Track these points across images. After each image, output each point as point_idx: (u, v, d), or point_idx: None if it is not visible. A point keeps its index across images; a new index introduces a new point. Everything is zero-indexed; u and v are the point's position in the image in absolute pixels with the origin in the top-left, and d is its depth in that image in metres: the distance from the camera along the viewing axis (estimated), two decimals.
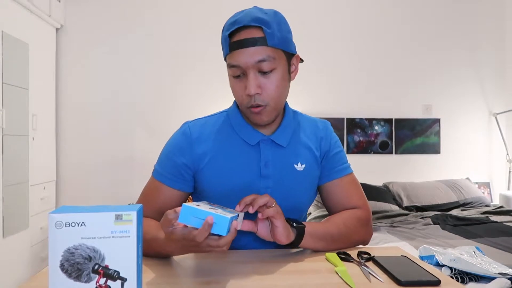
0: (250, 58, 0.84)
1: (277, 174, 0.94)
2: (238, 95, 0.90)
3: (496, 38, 3.58)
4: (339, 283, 0.70)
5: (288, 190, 0.95)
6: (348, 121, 3.39)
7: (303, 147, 0.99)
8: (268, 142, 0.95)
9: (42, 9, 2.71)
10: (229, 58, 0.87)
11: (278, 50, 0.87)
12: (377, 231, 2.33)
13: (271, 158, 0.95)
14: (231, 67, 0.87)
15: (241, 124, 0.96)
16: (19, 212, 2.45)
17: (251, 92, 0.85)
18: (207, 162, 0.94)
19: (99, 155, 3.15)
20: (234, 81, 0.89)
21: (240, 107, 0.92)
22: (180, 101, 3.23)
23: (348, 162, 1.06)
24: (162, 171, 0.96)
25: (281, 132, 0.96)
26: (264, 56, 0.84)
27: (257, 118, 0.90)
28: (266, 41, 0.85)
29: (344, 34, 3.44)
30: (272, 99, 0.88)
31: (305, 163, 0.98)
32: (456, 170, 3.47)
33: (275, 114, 0.92)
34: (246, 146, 0.95)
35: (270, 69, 0.86)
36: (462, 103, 3.53)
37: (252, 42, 0.84)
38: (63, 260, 0.56)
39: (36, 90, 2.69)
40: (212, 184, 0.94)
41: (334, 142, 1.04)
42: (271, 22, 0.86)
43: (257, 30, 0.85)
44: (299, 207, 0.99)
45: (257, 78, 0.86)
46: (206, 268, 0.78)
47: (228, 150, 0.94)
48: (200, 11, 3.23)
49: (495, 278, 1.36)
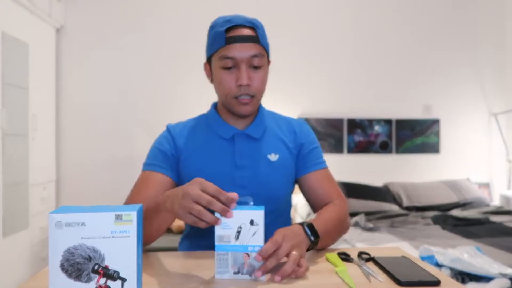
0: (245, 53, 0.94)
1: (252, 164, 1.01)
2: (227, 86, 0.97)
3: (496, 38, 3.58)
4: (339, 284, 0.70)
5: (263, 179, 1.00)
6: (348, 121, 3.39)
7: (276, 139, 1.06)
8: (242, 135, 1.03)
9: (42, 9, 2.71)
10: (224, 50, 0.94)
11: (264, 50, 0.99)
12: (377, 231, 2.33)
13: (245, 150, 1.02)
14: (225, 58, 0.95)
15: (217, 121, 1.05)
16: (19, 212, 2.45)
17: (244, 82, 0.94)
18: (187, 156, 1.02)
19: (99, 155, 3.15)
20: (224, 72, 0.96)
21: (226, 98, 0.99)
22: (180, 101, 3.23)
23: (324, 159, 1.11)
24: (150, 162, 1.02)
25: (255, 126, 1.04)
26: (257, 52, 0.95)
27: (244, 108, 0.98)
28: (259, 39, 0.96)
29: (344, 34, 3.43)
30: (258, 91, 0.98)
31: (279, 153, 1.04)
32: (456, 170, 3.47)
33: (257, 106, 1.02)
34: (221, 140, 1.03)
35: (260, 65, 0.96)
36: (462, 103, 3.53)
37: (247, 39, 0.94)
38: (63, 260, 0.56)
39: (36, 90, 2.69)
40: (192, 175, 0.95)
41: (311, 138, 1.11)
42: (260, 27, 0.99)
43: (250, 29, 0.96)
44: (275, 196, 1.03)
45: (249, 71, 0.95)
46: (206, 268, 0.78)
47: (205, 145, 1.03)
48: (200, 11, 3.23)
49: (495, 278, 1.36)
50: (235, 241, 0.70)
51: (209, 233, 0.99)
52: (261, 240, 0.69)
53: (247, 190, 0.98)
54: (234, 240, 0.70)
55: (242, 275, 0.71)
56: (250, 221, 0.69)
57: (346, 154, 3.38)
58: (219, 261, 0.71)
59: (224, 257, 0.71)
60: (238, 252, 0.70)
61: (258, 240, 0.69)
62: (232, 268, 0.71)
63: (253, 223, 0.69)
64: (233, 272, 0.71)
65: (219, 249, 0.71)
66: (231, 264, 0.71)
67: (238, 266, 0.71)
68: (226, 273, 0.71)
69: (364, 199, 2.92)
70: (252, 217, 0.69)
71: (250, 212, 0.69)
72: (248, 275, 0.70)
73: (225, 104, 1.01)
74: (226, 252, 0.71)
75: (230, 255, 0.71)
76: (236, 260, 0.71)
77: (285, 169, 1.04)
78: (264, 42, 0.98)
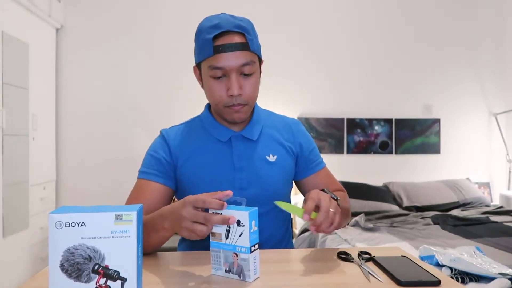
0: (235, 62, 0.91)
1: (251, 166, 1.00)
2: (217, 95, 0.95)
3: (496, 38, 3.58)
4: (340, 283, 0.70)
5: (262, 180, 1.00)
6: (348, 121, 3.39)
7: (273, 140, 1.05)
8: (239, 138, 1.02)
9: (42, 9, 2.71)
10: (212, 60, 0.92)
11: (255, 56, 0.95)
12: (377, 231, 2.33)
13: (243, 152, 1.01)
14: (213, 69, 0.92)
15: (213, 124, 1.04)
16: (19, 212, 2.45)
17: (234, 92, 0.92)
18: (185, 161, 1.01)
19: (99, 155, 3.15)
20: (214, 81, 0.94)
21: (217, 106, 0.98)
22: (180, 101, 3.23)
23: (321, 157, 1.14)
24: (146, 170, 1.01)
25: (251, 128, 1.03)
26: (247, 60, 0.92)
27: (237, 116, 0.97)
28: (248, 46, 0.92)
29: (344, 34, 3.43)
30: (250, 98, 0.96)
31: (277, 154, 1.04)
32: (456, 170, 3.47)
33: (250, 112, 1.01)
34: (218, 143, 1.02)
35: (251, 72, 0.94)
36: (462, 103, 3.53)
37: (237, 47, 0.90)
38: (63, 260, 0.56)
39: (36, 90, 2.69)
40: (191, 180, 0.99)
41: (309, 139, 1.12)
42: (250, 30, 0.94)
43: (240, 36, 0.92)
44: (275, 196, 1.02)
45: (239, 80, 0.93)
46: (205, 268, 0.78)
47: (202, 148, 1.02)
48: (201, 11, 3.21)
49: (495, 278, 1.36)
50: (225, 240, 0.71)
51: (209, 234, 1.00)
52: (247, 242, 0.69)
53: (247, 191, 0.98)
54: (224, 239, 0.71)
55: (232, 274, 0.72)
56: (237, 222, 0.69)
57: (346, 154, 3.39)
58: (214, 257, 0.74)
59: (217, 254, 0.73)
60: (228, 251, 0.71)
61: (244, 241, 0.69)
62: (224, 265, 0.73)
63: (239, 223, 0.69)
64: (225, 270, 0.73)
65: (212, 245, 0.73)
66: (223, 261, 0.73)
67: (229, 265, 0.72)
68: (219, 269, 0.73)
69: (364, 199, 2.92)
70: (238, 218, 0.69)
71: (237, 213, 0.69)
72: (237, 275, 0.71)
73: (217, 111, 1.01)
74: (218, 249, 0.73)
75: (222, 253, 0.72)
76: (226, 258, 0.72)
77: (283, 169, 1.04)
78: (254, 47, 0.94)
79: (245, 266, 0.70)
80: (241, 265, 0.70)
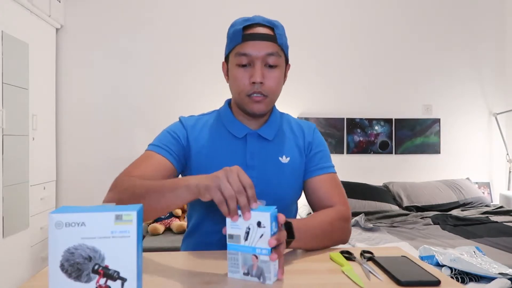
0: (261, 50, 0.93)
1: (262, 165, 1.00)
2: (240, 83, 0.96)
3: (496, 38, 3.58)
4: (342, 283, 0.70)
5: (272, 181, 0.99)
6: (348, 121, 3.39)
7: (288, 141, 1.05)
8: (255, 136, 1.02)
9: (42, 9, 2.71)
10: (240, 47, 0.94)
11: (282, 51, 0.97)
12: (377, 231, 2.33)
13: (257, 150, 1.01)
14: (240, 55, 0.94)
15: (231, 119, 1.04)
16: (19, 212, 2.45)
17: (257, 79, 0.93)
18: (198, 151, 1.01)
19: (99, 155, 3.15)
20: (239, 70, 0.96)
21: (239, 96, 0.98)
22: (180, 101, 3.23)
23: (333, 164, 1.08)
24: (158, 144, 0.99)
25: (268, 127, 1.04)
26: (273, 51, 0.94)
27: (256, 107, 0.96)
28: (276, 39, 0.95)
29: (344, 34, 3.43)
30: (272, 92, 0.97)
31: (290, 156, 1.03)
32: (456, 170, 3.47)
33: (270, 106, 1.01)
34: (233, 139, 1.02)
35: (275, 64, 0.95)
36: (462, 103, 3.53)
37: (264, 37, 0.94)
38: (63, 260, 0.56)
39: (36, 90, 2.69)
40: (201, 172, 0.95)
41: (319, 141, 1.09)
42: (280, 27, 0.98)
43: (269, 29, 0.96)
44: (283, 198, 1.01)
45: (263, 69, 0.95)
46: (206, 268, 0.78)
47: (216, 142, 1.02)
48: (201, 11, 3.23)
49: (495, 278, 1.36)
50: (244, 241, 0.69)
51: (213, 230, 1.00)
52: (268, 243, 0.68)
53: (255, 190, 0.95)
54: (243, 241, 0.69)
55: (251, 277, 0.70)
56: (257, 223, 0.68)
57: (346, 154, 3.39)
58: (230, 260, 0.71)
59: (234, 257, 0.71)
60: (247, 253, 0.69)
61: (265, 242, 0.68)
62: (242, 268, 0.70)
63: (260, 225, 0.68)
64: (243, 272, 0.70)
65: (230, 248, 0.71)
66: (241, 264, 0.70)
67: (247, 267, 0.70)
68: (237, 273, 0.71)
69: (364, 199, 2.92)
70: (259, 219, 0.68)
71: (258, 214, 0.68)
72: (257, 278, 0.69)
73: (238, 102, 1.00)
74: (236, 251, 0.70)
75: (240, 255, 0.70)
76: (245, 261, 0.70)
77: (295, 172, 1.03)
78: (282, 42, 0.96)
79: (265, 268, 0.68)
80: (261, 267, 0.68)
